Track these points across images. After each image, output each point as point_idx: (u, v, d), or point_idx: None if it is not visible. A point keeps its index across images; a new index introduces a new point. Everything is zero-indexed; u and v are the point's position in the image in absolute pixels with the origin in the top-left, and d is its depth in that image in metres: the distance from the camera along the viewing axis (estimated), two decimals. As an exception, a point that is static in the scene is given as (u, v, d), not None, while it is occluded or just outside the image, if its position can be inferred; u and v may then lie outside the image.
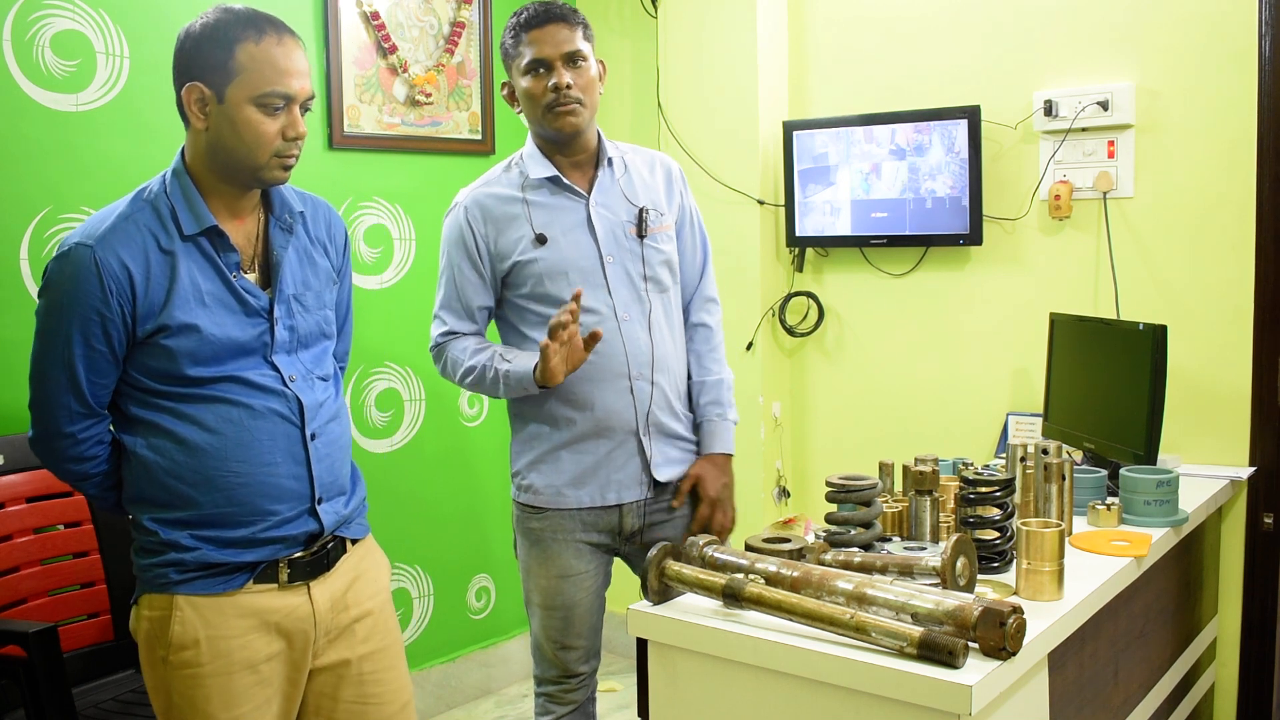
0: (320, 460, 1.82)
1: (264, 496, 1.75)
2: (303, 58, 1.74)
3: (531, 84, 2.16)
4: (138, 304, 1.68)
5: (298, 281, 1.83)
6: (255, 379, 1.76)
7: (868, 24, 3.32)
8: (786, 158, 3.38)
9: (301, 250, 1.86)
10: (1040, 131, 3.00)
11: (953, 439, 3.20)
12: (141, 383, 1.73)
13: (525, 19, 2.17)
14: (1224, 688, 2.87)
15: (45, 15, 2.55)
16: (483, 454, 3.62)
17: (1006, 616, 1.48)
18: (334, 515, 1.85)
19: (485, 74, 3.52)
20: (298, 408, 1.79)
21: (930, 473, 2.02)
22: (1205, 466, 2.78)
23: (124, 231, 1.68)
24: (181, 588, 1.73)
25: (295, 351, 1.82)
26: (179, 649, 1.73)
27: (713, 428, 2.33)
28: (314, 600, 1.82)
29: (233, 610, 1.75)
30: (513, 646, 3.74)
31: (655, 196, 2.28)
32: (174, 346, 1.69)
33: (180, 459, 1.72)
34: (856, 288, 3.42)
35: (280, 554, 1.78)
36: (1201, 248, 2.82)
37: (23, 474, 2.41)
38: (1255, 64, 2.71)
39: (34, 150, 2.54)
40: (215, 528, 1.73)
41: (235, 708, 1.75)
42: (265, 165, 1.72)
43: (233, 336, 1.73)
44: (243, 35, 1.68)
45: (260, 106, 1.69)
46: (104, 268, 1.65)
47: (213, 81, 1.69)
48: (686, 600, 1.78)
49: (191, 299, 1.70)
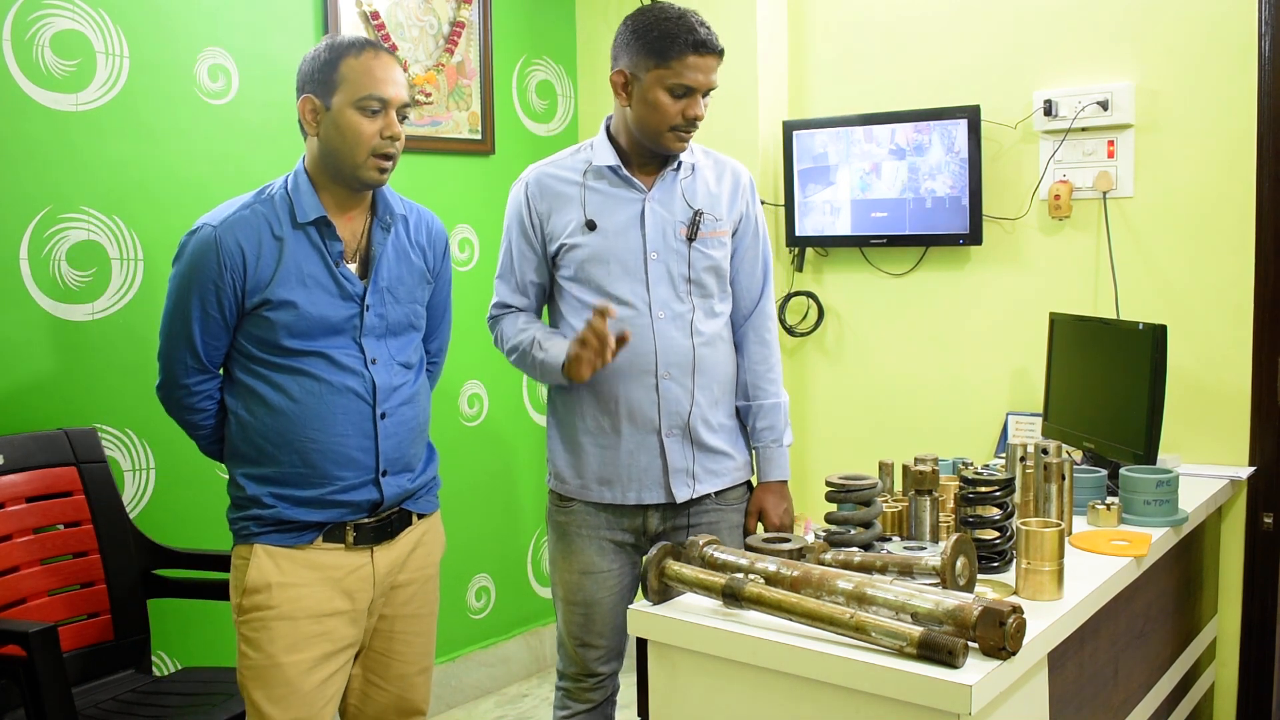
0: (388, 437, 2.03)
1: (333, 463, 1.98)
2: (399, 71, 1.99)
3: (670, 103, 2.13)
4: (248, 279, 1.94)
5: (393, 275, 2.06)
6: (340, 358, 1.99)
7: (868, 24, 3.32)
8: (786, 157, 3.38)
9: (400, 249, 2.09)
10: (1040, 131, 3.00)
11: (953, 439, 3.21)
12: (246, 349, 1.99)
13: (694, 40, 2.11)
14: (1224, 688, 2.87)
15: (45, 15, 2.55)
16: (482, 454, 3.62)
17: (1006, 616, 1.48)
18: (397, 489, 2.06)
19: (485, 74, 3.52)
20: (372, 388, 2.01)
21: (930, 472, 2.02)
22: (1205, 466, 2.78)
23: (243, 218, 1.96)
24: (260, 539, 1.99)
25: (384, 337, 2.05)
26: (252, 592, 1.97)
27: (770, 454, 2.34)
28: (375, 564, 2.06)
29: (303, 562, 1.99)
30: (513, 646, 3.75)
31: (715, 202, 2.28)
32: (274, 318, 1.95)
33: (268, 421, 1.98)
34: (856, 287, 3.42)
35: (347, 518, 2.01)
36: (1201, 247, 2.82)
37: (23, 474, 2.42)
38: (1255, 64, 2.71)
39: (34, 150, 2.54)
40: (291, 486, 1.98)
41: (298, 652, 1.97)
42: (364, 164, 1.95)
43: (326, 315, 1.97)
44: (346, 52, 1.96)
45: (359, 109, 1.94)
46: (222, 246, 1.93)
47: (321, 93, 1.96)
48: (686, 600, 1.78)
49: (294, 279, 1.95)
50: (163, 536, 2.66)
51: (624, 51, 2.17)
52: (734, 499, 2.33)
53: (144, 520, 2.71)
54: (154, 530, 2.67)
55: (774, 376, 2.35)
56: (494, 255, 3.60)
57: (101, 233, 2.66)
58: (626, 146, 2.24)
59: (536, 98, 3.75)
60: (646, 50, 2.12)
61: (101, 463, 2.55)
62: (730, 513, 2.32)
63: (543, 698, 3.61)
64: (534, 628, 3.83)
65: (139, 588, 2.56)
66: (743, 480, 2.36)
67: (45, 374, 2.57)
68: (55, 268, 2.58)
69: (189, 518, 2.81)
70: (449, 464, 3.50)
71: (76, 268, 2.62)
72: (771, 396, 2.34)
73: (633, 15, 2.18)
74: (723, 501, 2.31)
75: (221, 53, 2.88)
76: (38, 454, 2.45)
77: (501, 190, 3.62)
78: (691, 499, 2.26)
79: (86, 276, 2.64)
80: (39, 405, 2.55)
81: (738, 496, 2.34)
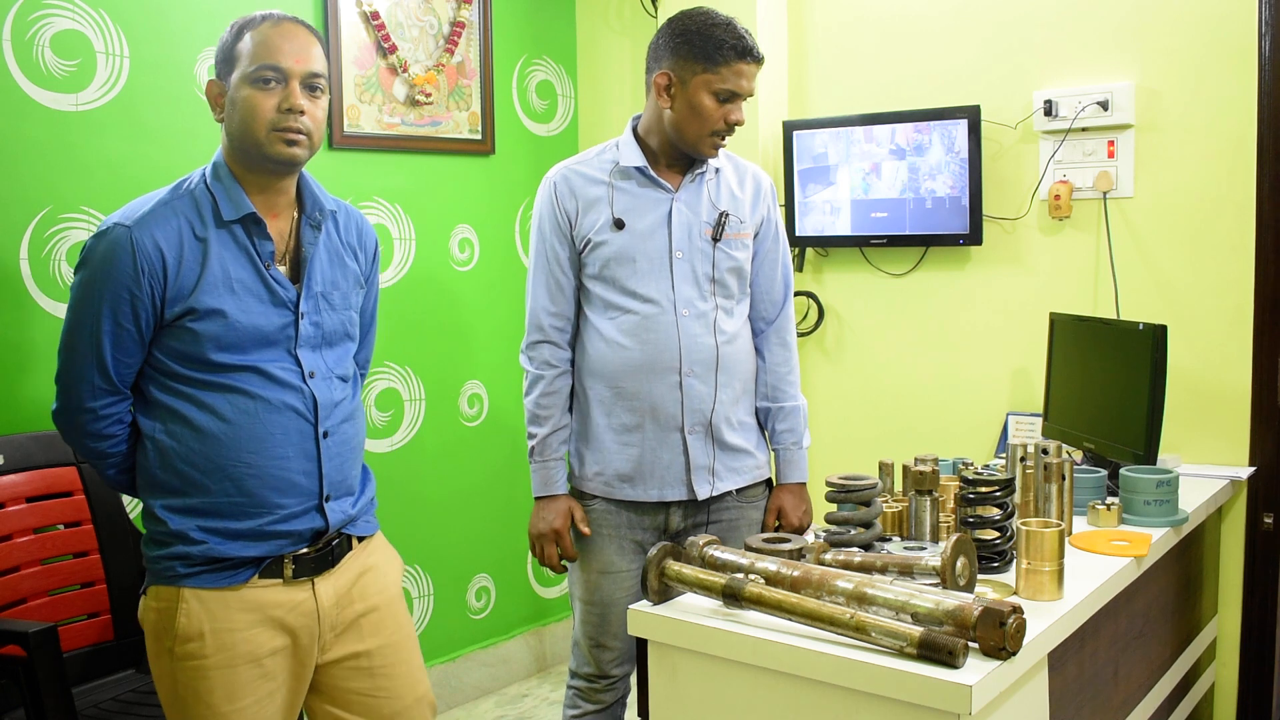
0: (331, 459, 1.85)
1: (273, 489, 1.79)
2: (305, 38, 1.79)
3: (714, 107, 2.16)
4: (168, 286, 1.73)
5: (326, 280, 1.88)
6: (275, 372, 1.80)
7: (868, 24, 3.32)
8: (786, 157, 3.38)
9: (333, 250, 1.91)
10: (1040, 131, 3.00)
11: (953, 439, 3.20)
12: (166, 366, 1.77)
13: (742, 47, 2.14)
14: (1224, 688, 2.87)
15: (45, 15, 2.55)
16: (483, 454, 3.62)
17: (1006, 616, 1.48)
18: (340, 514, 1.88)
19: (485, 74, 3.52)
20: (313, 404, 1.83)
21: (930, 472, 2.02)
22: (1205, 466, 2.78)
23: (161, 216, 1.75)
24: (188, 581, 1.77)
25: (320, 348, 1.86)
26: (184, 640, 1.77)
27: (789, 456, 2.37)
28: (318, 596, 1.85)
29: (238, 604, 1.78)
30: (513, 646, 3.74)
31: (739, 205, 2.30)
32: (200, 330, 1.74)
33: (195, 446, 1.76)
34: (856, 287, 3.42)
35: (286, 549, 1.81)
36: (1201, 248, 2.82)
37: (23, 474, 2.41)
38: (1255, 64, 2.71)
39: (34, 150, 2.54)
40: (223, 518, 1.77)
41: (238, 700, 1.78)
42: (265, 140, 1.76)
43: (258, 325, 1.78)
44: (246, 27, 1.79)
45: (253, 83, 1.76)
46: (139, 248, 1.71)
47: (224, 72, 1.80)
48: (686, 600, 1.78)
49: (221, 285, 1.75)
50: (163, 536, 2.66)
51: (668, 54, 2.18)
52: (754, 496, 2.36)
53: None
54: (154, 530, 2.67)
55: (794, 379, 2.39)
56: (494, 256, 3.62)
57: (101, 233, 2.66)
58: (656, 147, 2.26)
59: (536, 98, 3.75)
60: (694, 54, 2.15)
61: (101, 463, 2.55)
62: (750, 510, 2.35)
63: (542, 697, 3.61)
64: (534, 628, 3.83)
65: (139, 588, 2.56)
66: (763, 478, 2.38)
67: (45, 374, 2.57)
68: (55, 268, 2.58)
69: (189, 518, 2.81)
70: (449, 464, 3.52)
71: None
72: (791, 399, 2.38)
73: (677, 19, 2.20)
74: (743, 499, 2.34)
75: (221, 53, 2.87)
76: (38, 454, 2.45)
77: (501, 190, 3.64)
78: (712, 496, 2.28)
79: (86, 276, 2.63)
80: (39, 405, 2.55)
81: (758, 494, 2.38)
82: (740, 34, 2.16)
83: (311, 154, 1.82)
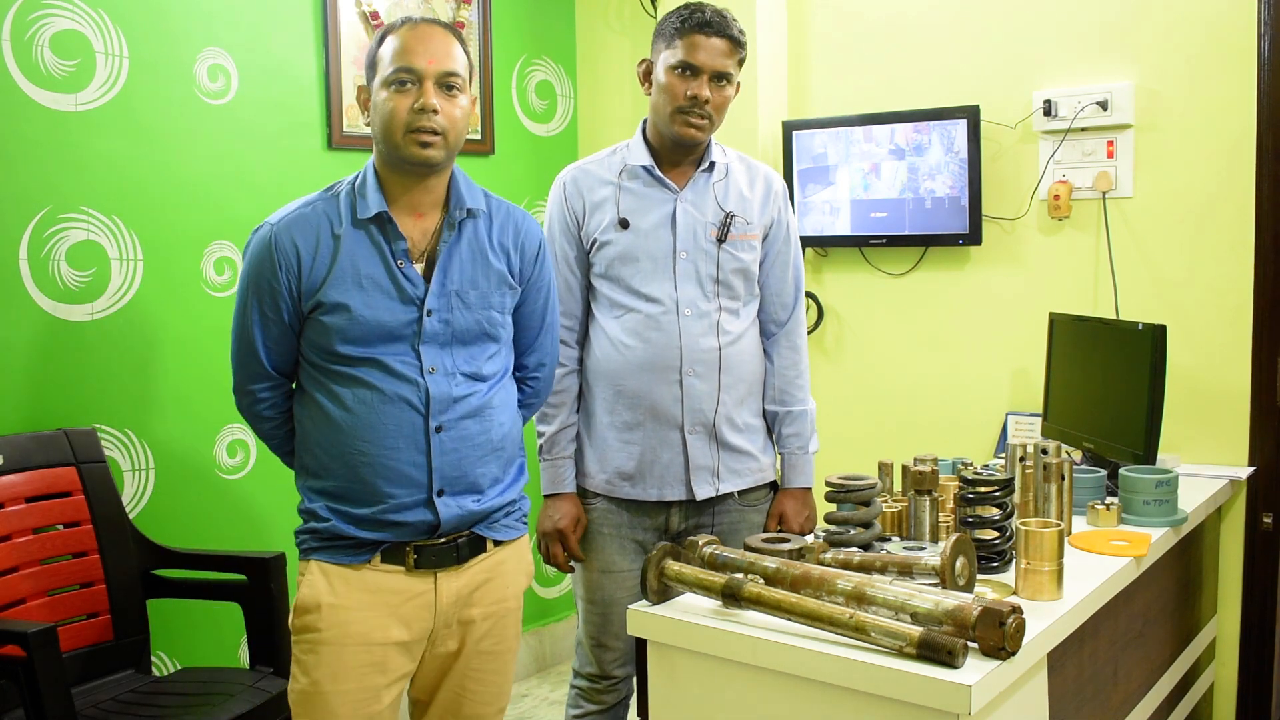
0: (444, 453, 1.86)
1: (382, 479, 1.83)
2: (441, 39, 1.83)
3: (673, 81, 2.17)
4: (302, 280, 1.82)
5: (464, 278, 1.89)
6: (394, 365, 1.84)
7: (867, 24, 3.32)
8: (786, 157, 3.38)
9: (477, 249, 1.92)
10: (1040, 131, 3.00)
11: (952, 439, 3.20)
12: (308, 356, 1.87)
13: (698, 20, 2.15)
14: (1223, 688, 2.87)
15: (45, 15, 2.55)
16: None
17: (1006, 616, 1.48)
18: (456, 510, 1.88)
19: (485, 74, 3.52)
20: (425, 398, 1.84)
21: (930, 472, 2.02)
22: (1204, 466, 2.78)
23: (303, 216, 1.85)
24: (316, 554, 1.86)
25: (448, 346, 1.88)
26: (303, 611, 1.84)
27: (794, 460, 2.35)
28: (439, 591, 1.88)
29: (358, 583, 1.84)
30: (512, 646, 3.74)
31: (747, 206, 2.29)
32: (328, 323, 1.82)
33: (324, 431, 1.85)
34: (856, 287, 3.42)
35: (404, 539, 1.85)
36: (1201, 247, 2.82)
37: (23, 474, 2.42)
38: (1255, 64, 2.71)
39: (33, 150, 2.54)
40: (345, 502, 1.85)
41: (343, 681, 1.82)
42: (402, 142, 1.80)
43: (381, 320, 1.83)
44: (388, 33, 1.84)
45: (390, 86, 1.81)
46: (277, 245, 1.82)
47: (369, 78, 1.86)
48: (686, 600, 1.78)
49: (349, 280, 1.82)
50: (162, 537, 2.66)
51: (651, 45, 2.24)
52: (757, 499, 2.35)
53: (143, 520, 2.70)
54: (153, 530, 2.67)
55: (803, 383, 2.37)
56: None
57: (101, 233, 2.66)
58: (657, 145, 2.26)
59: (536, 98, 3.75)
60: (659, 35, 2.21)
61: (101, 463, 2.55)
62: (752, 513, 2.34)
63: (543, 697, 3.61)
64: (535, 628, 3.83)
65: (138, 588, 2.56)
66: (766, 481, 2.36)
67: (45, 374, 2.57)
68: (55, 268, 2.58)
69: (188, 518, 2.81)
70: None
71: (76, 268, 2.62)
72: (800, 403, 2.35)
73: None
74: (745, 501, 2.33)
75: (221, 53, 2.88)
76: (37, 454, 2.45)
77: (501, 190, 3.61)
78: (714, 497, 2.27)
79: (86, 277, 2.63)
80: (39, 405, 2.55)
81: (761, 497, 2.36)
82: (702, 10, 2.16)
83: (450, 153, 1.85)
